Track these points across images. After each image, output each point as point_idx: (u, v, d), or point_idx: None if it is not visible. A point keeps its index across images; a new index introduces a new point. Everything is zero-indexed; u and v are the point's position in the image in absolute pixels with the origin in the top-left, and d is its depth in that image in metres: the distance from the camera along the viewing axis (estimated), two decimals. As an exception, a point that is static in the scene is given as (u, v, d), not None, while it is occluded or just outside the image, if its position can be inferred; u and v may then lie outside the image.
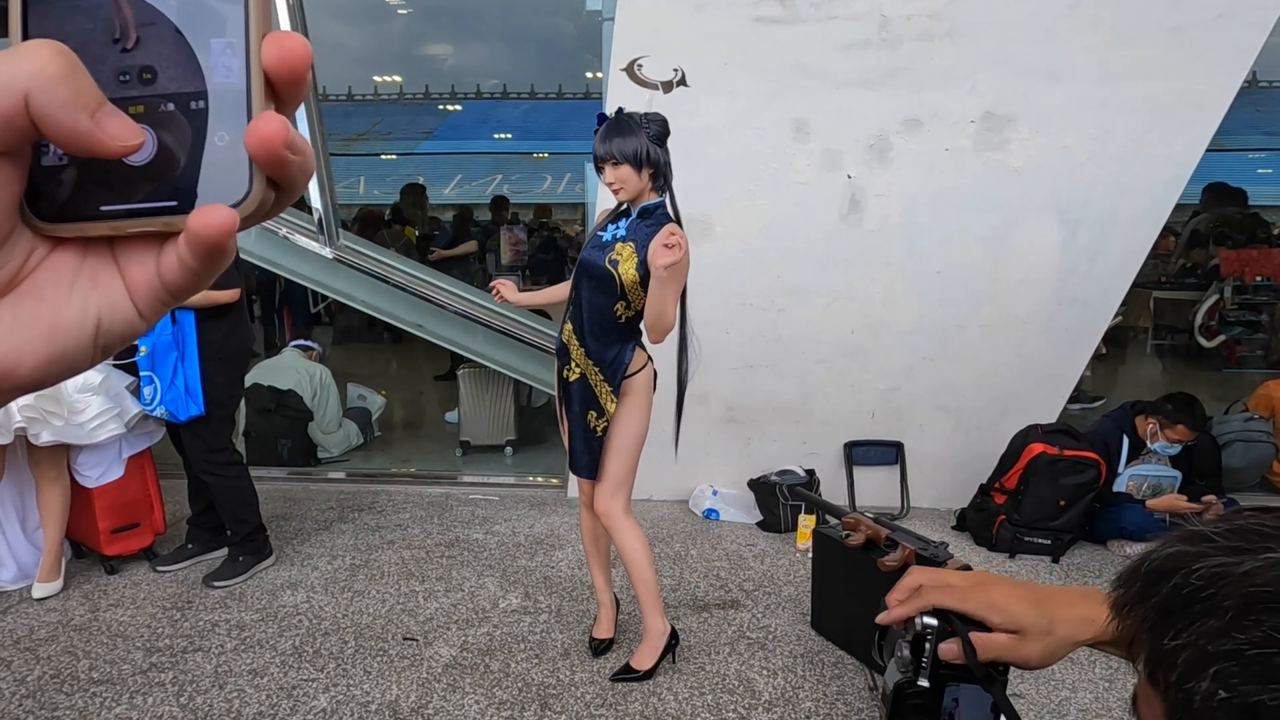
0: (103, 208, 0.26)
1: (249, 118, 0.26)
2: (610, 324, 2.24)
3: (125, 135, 0.25)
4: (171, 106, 0.26)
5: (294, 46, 0.26)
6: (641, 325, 2.23)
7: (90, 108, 0.24)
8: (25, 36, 0.26)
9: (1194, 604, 0.37)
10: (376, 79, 17.88)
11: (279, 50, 0.26)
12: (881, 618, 0.68)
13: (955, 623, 0.64)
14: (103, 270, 0.27)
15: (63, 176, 0.26)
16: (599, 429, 2.31)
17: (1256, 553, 0.36)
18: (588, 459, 2.35)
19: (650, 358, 2.35)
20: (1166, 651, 0.37)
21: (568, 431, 2.41)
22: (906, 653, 0.66)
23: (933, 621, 0.65)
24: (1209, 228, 7.28)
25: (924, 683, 0.64)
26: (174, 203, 0.26)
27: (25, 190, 0.26)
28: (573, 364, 2.32)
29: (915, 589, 0.68)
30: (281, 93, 0.27)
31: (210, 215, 0.25)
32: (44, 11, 0.26)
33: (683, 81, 3.40)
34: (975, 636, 0.63)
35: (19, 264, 0.26)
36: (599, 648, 2.63)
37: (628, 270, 2.17)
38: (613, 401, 2.28)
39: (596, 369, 2.28)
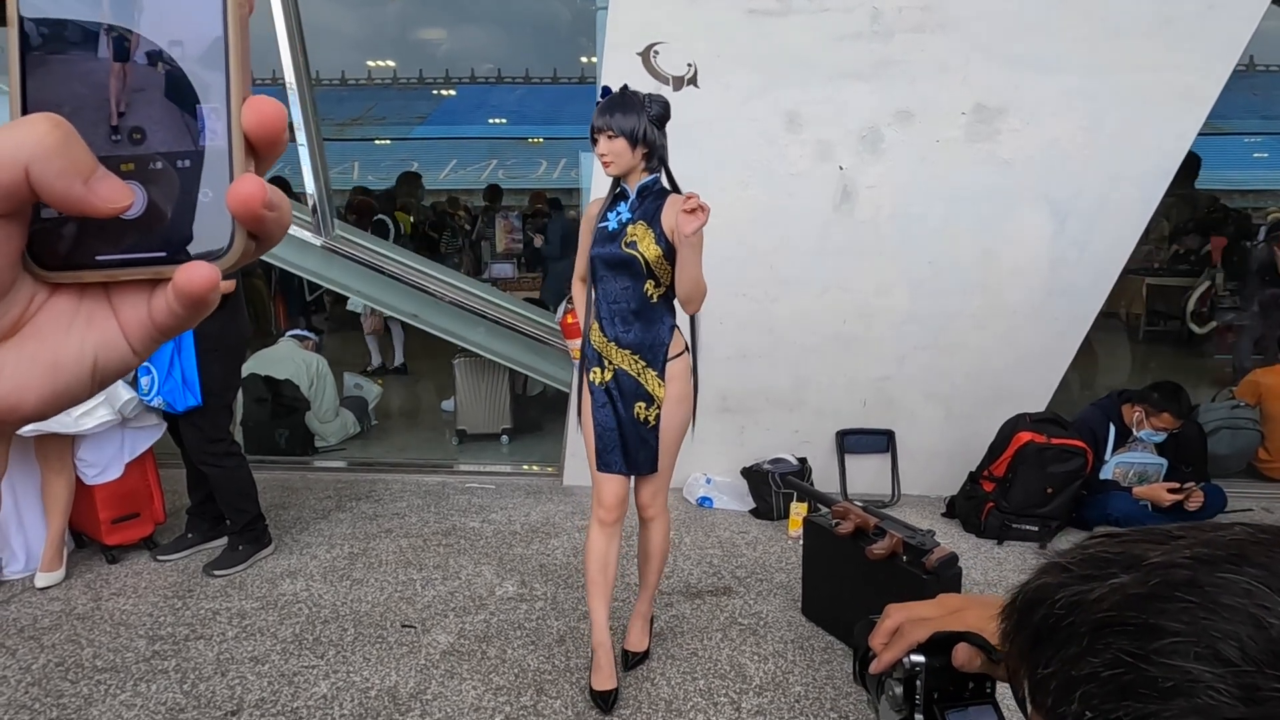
0: (98, 257, 0.29)
1: (231, 176, 0.29)
2: (643, 306, 2.22)
3: (115, 197, 0.27)
4: (160, 165, 0.29)
5: (270, 111, 0.29)
6: (675, 303, 2.22)
7: (84, 175, 0.26)
8: (24, 99, 0.28)
9: (1057, 632, 0.40)
10: (370, 63, 17.77)
11: (257, 115, 0.29)
12: (873, 667, 0.71)
13: (961, 636, 0.66)
14: (98, 312, 0.29)
15: (61, 230, 0.29)
16: (651, 419, 2.26)
17: (1103, 579, 0.40)
18: (646, 454, 2.28)
19: (687, 345, 2.32)
20: (1040, 680, 0.40)
21: (600, 435, 2.28)
22: (899, 691, 0.69)
23: (920, 659, 0.67)
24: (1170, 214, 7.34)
25: (920, 718, 0.68)
26: (163, 253, 0.29)
27: (26, 242, 0.28)
28: (606, 364, 2.27)
29: (895, 631, 0.71)
30: (260, 151, 0.30)
31: (194, 272, 0.28)
32: (42, 77, 0.28)
33: (693, 80, 3.41)
34: (961, 647, 0.66)
35: (21, 309, 0.29)
36: (610, 701, 2.31)
37: (649, 248, 2.16)
38: (660, 386, 2.24)
39: (636, 356, 2.24)
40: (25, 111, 0.28)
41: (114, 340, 0.29)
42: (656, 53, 3.44)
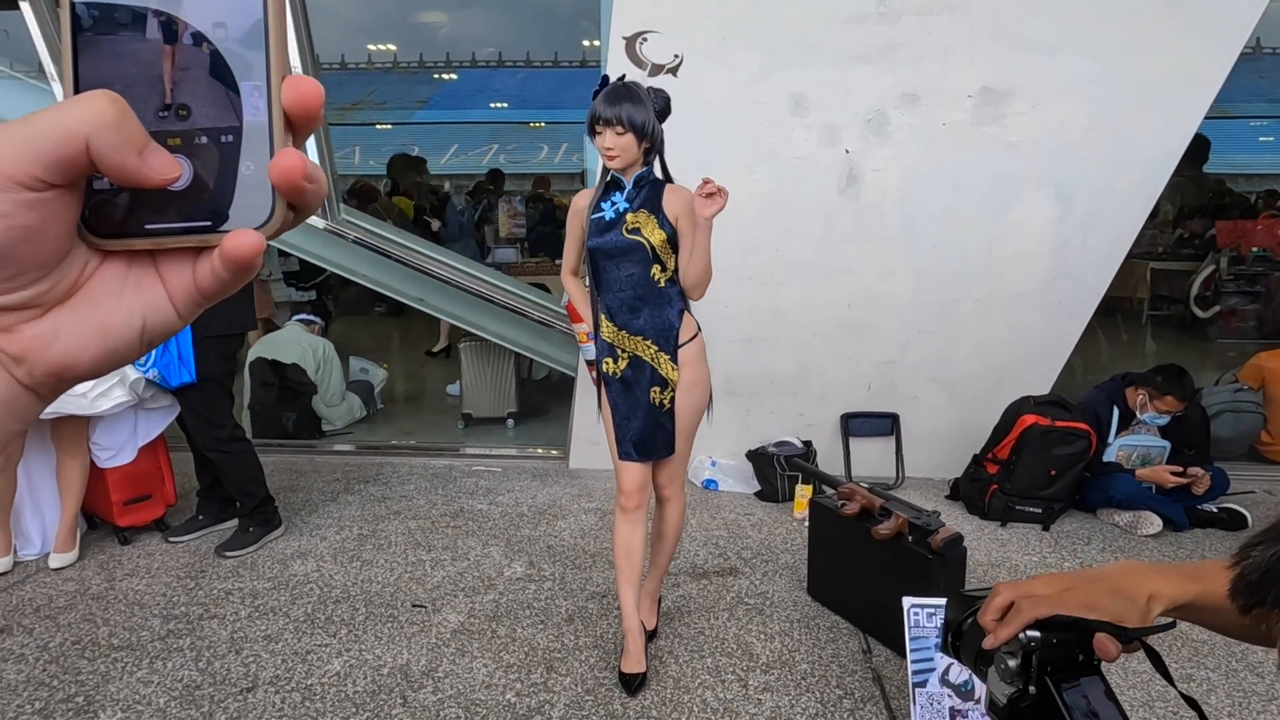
0: (147, 226, 0.31)
1: (271, 150, 0.31)
2: (650, 290, 2.24)
3: (166, 169, 0.29)
4: (205, 139, 0.31)
5: (308, 89, 0.31)
6: (683, 286, 2.25)
7: (138, 148, 0.28)
8: (76, 78, 0.30)
9: None
10: (370, 47, 17.66)
11: (296, 93, 0.31)
12: (988, 643, 0.73)
13: (1088, 624, 0.70)
14: (146, 278, 0.31)
15: (113, 200, 0.31)
16: (666, 402, 2.28)
17: None
18: (662, 438, 2.30)
19: (699, 328, 2.34)
20: None
21: (619, 424, 2.31)
22: (1013, 664, 0.71)
23: (1037, 634, 0.70)
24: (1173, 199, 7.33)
25: (1033, 689, 0.71)
26: (208, 222, 0.31)
27: (81, 212, 0.30)
28: (619, 354, 2.28)
29: (1008, 608, 0.73)
30: (297, 127, 0.32)
31: (242, 239, 0.30)
32: (92, 57, 0.30)
33: (674, 71, 3.41)
34: (1101, 639, 0.69)
35: (76, 275, 0.30)
36: (635, 684, 2.34)
37: (653, 232, 2.19)
38: (674, 370, 2.26)
39: (649, 342, 2.26)
40: (77, 89, 0.30)
41: (161, 304, 0.31)
42: (644, 40, 3.43)
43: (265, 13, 0.31)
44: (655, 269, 2.23)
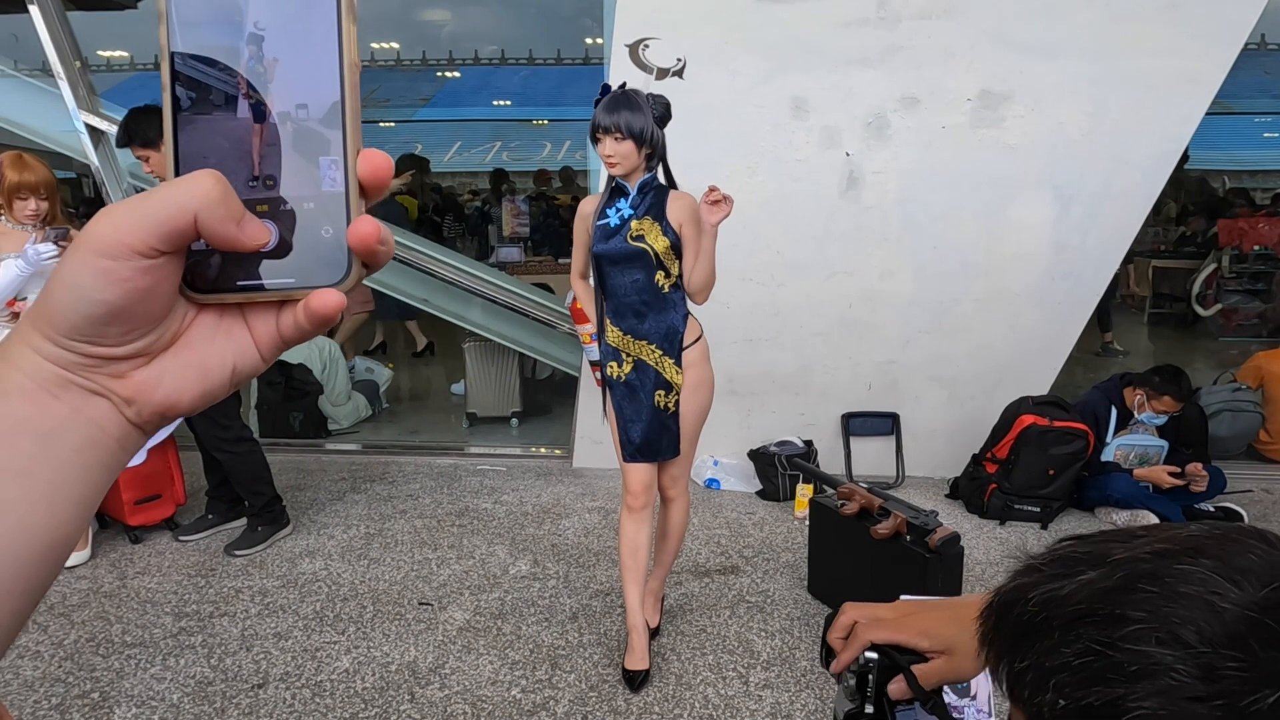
0: (238, 283, 0.35)
1: (348, 216, 0.35)
2: (654, 296, 2.29)
3: (259, 236, 0.34)
4: (289, 207, 0.35)
5: (380, 163, 0.36)
6: (688, 291, 2.31)
7: (237, 219, 0.33)
8: (176, 152, 0.35)
9: (1033, 628, 0.43)
10: (373, 45, 17.69)
11: (369, 166, 0.35)
12: (834, 667, 0.76)
13: (898, 660, 0.72)
14: (236, 327, 0.36)
15: (209, 260, 0.35)
16: (671, 405, 2.34)
17: (1073, 576, 0.43)
18: (667, 440, 2.36)
19: (703, 330, 2.39)
20: (1018, 672, 0.43)
21: (624, 427, 2.37)
22: (852, 683, 0.75)
23: (873, 655, 0.74)
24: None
25: (869, 709, 0.74)
26: (292, 280, 0.35)
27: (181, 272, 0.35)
28: (624, 358, 2.33)
29: (851, 627, 0.76)
30: (369, 194, 0.36)
31: (327, 297, 0.34)
32: (191, 133, 0.35)
33: (679, 73, 3.44)
34: (916, 669, 0.72)
35: (177, 326, 0.35)
36: (638, 681, 2.39)
37: (657, 239, 2.24)
38: (678, 374, 2.32)
39: (653, 346, 2.31)
40: (177, 160, 0.35)
41: (248, 349, 0.36)
42: (646, 46, 3.46)
43: (342, 94, 0.35)
44: (659, 275, 2.27)
